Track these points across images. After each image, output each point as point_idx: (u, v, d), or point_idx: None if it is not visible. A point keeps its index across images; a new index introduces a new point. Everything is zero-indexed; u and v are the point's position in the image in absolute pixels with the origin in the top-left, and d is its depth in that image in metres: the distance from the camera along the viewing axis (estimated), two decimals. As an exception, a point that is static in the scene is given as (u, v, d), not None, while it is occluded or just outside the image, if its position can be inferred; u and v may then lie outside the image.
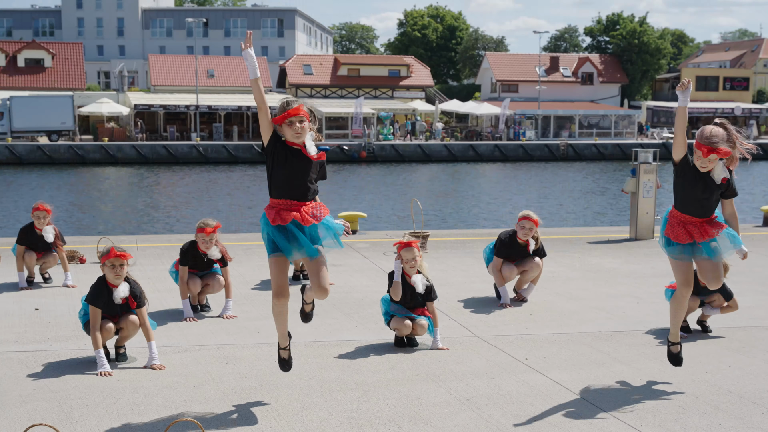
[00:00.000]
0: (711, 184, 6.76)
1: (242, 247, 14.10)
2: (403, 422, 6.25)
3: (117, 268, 7.50)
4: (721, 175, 6.79)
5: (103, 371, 7.31)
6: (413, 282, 8.19)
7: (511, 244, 10.18)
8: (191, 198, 38.24)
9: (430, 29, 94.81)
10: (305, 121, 6.24)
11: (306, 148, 6.30)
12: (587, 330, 9.05)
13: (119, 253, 7.49)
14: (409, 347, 8.28)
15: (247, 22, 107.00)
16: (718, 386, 7.13)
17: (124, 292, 7.55)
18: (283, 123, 6.23)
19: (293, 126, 6.21)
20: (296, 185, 6.29)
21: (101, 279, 7.61)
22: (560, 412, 6.50)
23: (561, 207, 35.79)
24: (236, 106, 64.78)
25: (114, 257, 7.48)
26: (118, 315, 7.69)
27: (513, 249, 10.19)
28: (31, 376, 7.26)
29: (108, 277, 7.54)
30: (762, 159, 65.99)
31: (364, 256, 13.52)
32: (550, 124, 70.62)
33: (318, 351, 8.10)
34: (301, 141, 6.26)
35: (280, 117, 6.23)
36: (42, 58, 71.18)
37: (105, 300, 7.54)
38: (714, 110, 77.51)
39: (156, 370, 7.44)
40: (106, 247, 7.61)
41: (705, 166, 6.71)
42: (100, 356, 7.39)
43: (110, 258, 7.49)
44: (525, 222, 10.06)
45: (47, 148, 55.71)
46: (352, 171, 52.68)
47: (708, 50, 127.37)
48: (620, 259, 13.55)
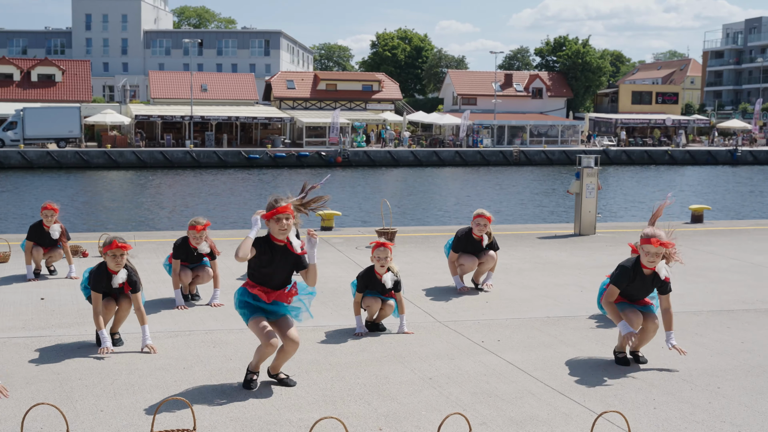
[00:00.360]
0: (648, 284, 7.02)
1: (229, 242, 13.93)
2: (372, 399, 6.17)
3: (118, 257, 7.35)
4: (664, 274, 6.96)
5: (106, 347, 7.17)
6: (384, 280, 8.10)
7: (467, 240, 10.13)
8: (185, 198, 37.96)
9: (399, 49, 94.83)
10: (291, 218, 6.21)
11: (291, 244, 6.27)
12: (537, 316, 9.01)
13: (120, 244, 7.34)
14: (378, 332, 8.20)
15: (237, 43, 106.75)
16: (653, 365, 7.09)
17: (122, 278, 7.41)
18: (271, 219, 6.18)
19: (280, 222, 6.17)
20: (277, 280, 6.34)
21: (102, 264, 7.45)
22: (513, 389, 6.43)
23: (514, 206, 35.83)
24: (226, 116, 64.59)
25: (116, 248, 7.33)
26: (116, 298, 7.56)
27: (469, 244, 10.14)
28: (35, 359, 7.10)
29: (109, 265, 7.38)
30: (690, 164, 66.61)
31: (339, 249, 13.42)
32: (505, 133, 70.85)
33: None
34: (286, 237, 6.24)
35: (268, 213, 6.19)
36: (53, 73, 70.46)
37: (104, 285, 7.40)
38: (648, 121, 78.11)
39: (149, 351, 7.30)
40: (108, 238, 7.44)
41: (653, 261, 6.83)
42: (103, 335, 7.25)
43: (112, 249, 7.34)
44: (480, 219, 10.02)
45: (56, 153, 55.20)
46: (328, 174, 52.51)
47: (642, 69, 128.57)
48: (566, 252, 13.53)
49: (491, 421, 5.73)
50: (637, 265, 6.90)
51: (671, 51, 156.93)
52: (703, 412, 5.97)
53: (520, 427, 5.63)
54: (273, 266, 6.26)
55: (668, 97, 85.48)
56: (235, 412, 5.86)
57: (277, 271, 6.29)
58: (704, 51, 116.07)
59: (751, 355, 7.47)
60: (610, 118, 78.57)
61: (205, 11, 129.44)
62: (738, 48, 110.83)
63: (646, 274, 6.91)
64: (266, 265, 6.25)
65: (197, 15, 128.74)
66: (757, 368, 7.04)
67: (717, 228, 16.72)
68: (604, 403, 6.11)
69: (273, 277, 6.31)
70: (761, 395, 6.33)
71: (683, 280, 11.03)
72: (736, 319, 8.87)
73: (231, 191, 41.88)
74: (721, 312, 9.23)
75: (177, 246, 9.41)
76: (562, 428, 5.63)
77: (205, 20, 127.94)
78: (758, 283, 10.90)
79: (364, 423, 5.68)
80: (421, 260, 12.47)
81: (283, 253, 6.27)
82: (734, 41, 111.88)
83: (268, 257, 6.23)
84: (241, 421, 5.67)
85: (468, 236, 10.12)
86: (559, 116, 78.87)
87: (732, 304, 9.62)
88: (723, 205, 36.48)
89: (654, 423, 5.73)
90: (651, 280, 6.96)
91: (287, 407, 5.98)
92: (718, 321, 8.80)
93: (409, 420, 5.75)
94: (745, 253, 13.43)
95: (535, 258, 12.90)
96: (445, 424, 5.46)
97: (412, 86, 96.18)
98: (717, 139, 77.34)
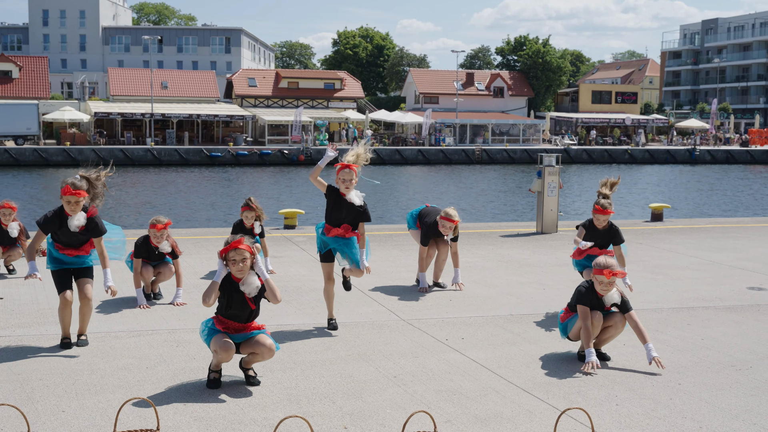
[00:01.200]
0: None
1: (192, 240, 13.84)
2: (337, 398, 6.16)
3: (72, 204, 7.20)
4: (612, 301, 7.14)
5: (32, 275, 7.11)
6: (350, 198, 7.97)
7: (434, 232, 10.23)
8: (146, 197, 37.60)
9: (361, 48, 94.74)
10: (247, 259, 6.25)
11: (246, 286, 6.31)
12: (500, 313, 9.05)
13: (74, 191, 7.16)
14: (345, 290, 8.48)
15: (197, 40, 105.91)
16: (615, 362, 7.16)
17: (79, 221, 7.25)
18: (228, 260, 6.27)
19: (236, 264, 6.24)
20: (241, 316, 6.36)
21: (59, 208, 7.30)
22: (477, 386, 6.46)
23: (476, 204, 35.99)
24: (187, 114, 64.11)
25: (69, 195, 7.17)
26: (74, 247, 7.41)
27: (436, 234, 10.25)
28: (-6, 359, 6.99)
29: (66, 208, 7.23)
30: (650, 163, 67.40)
31: (302, 248, 13.38)
32: (467, 131, 71.08)
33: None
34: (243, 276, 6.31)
35: (223, 251, 6.28)
36: (10, 69, 69.36)
37: (57, 227, 7.24)
38: (608, 120, 78.87)
39: (112, 293, 7.15)
40: (63, 181, 7.21)
41: (606, 289, 7.04)
42: (33, 266, 7.17)
43: (65, 195, 7.18)
44: (445, 222, 10.05)
45: (14, 151, 54.39)
46: (291, 173, 52.38)
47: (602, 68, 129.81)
48: (528, 250, 13.61)
49: (456, 419, 5.75)
50: (593, 291, 7.11)
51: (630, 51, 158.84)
52: (664, 408, 6.04)
53: (485, 425, 5.66)
54: (234, 305, 6.34)
55: (627, 97, 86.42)
56: (198, 411, 5.81)
57: (240, 308, 6.36)
58: (662, 51, 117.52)
59: (711, 351, 7.58)
60: (571, 117, 79.24)
61: (164, 8, 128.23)
62: (695, 48, 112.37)
63: (600, 297, 7.07)
64: (230, 302, 6.32)
65: (156, 12, 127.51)
66: (716, 365, 7.15)
67: (676, 226, 16.94)
68: (567, 400, 6.16)
69: (238, 315, 6.36)
70: (721, 391, 6.43)
71: (643, 278, 11.16)
72: (696, 316, 8.99)
73: (193, 190, 41.57)
74: (681, 309, 9.35)
75: (138, 245, 9.33)
76: (526, 425, 5.66)
77: (164, 17, 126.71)
78: (717, 281, 11.06)
79: (329, 422, 5.67)
80: (385, 258, 12.47)
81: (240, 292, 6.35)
82: (691, 42, 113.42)
83: (229, 294, 6.32)
84: (205, 421, 5.63)
85: (434, 229, 10.18)
86: (521, 115, 79.35)
87: (692, 302, 9.75)
88: (682, 203, 36.98)
89: (616, 419, 5.79)
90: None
91: (252, 406, 5.95)
92: (678, 318, 8.91)
93: (374, 418, 5.75)
94: (704, 251, 13.62)
95: (498, 256, 12.97)
96: (409, 422, 5.47)
97: (374, 85, 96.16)
98: (675, 139, 78.35)
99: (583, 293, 7.07)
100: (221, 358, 6.24)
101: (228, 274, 6.31)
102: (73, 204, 7.21)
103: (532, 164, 59.19)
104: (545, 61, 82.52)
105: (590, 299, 7.05)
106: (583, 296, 7.05)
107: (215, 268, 11.47)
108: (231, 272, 6.28)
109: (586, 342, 6.96)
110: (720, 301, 9.79)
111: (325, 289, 8.19)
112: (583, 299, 7.04)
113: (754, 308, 9.45)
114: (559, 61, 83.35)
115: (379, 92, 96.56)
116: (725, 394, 6.36)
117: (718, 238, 15.10)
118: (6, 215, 10.66)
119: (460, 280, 10.36)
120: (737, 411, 6.00)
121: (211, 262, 11.93)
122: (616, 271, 6.98)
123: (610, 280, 6.98)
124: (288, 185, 44.05)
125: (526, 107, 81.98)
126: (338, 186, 8.00)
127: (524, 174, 54.03)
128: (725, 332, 8.31)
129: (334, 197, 7.99)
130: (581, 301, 7.05)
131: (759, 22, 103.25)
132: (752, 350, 7.64)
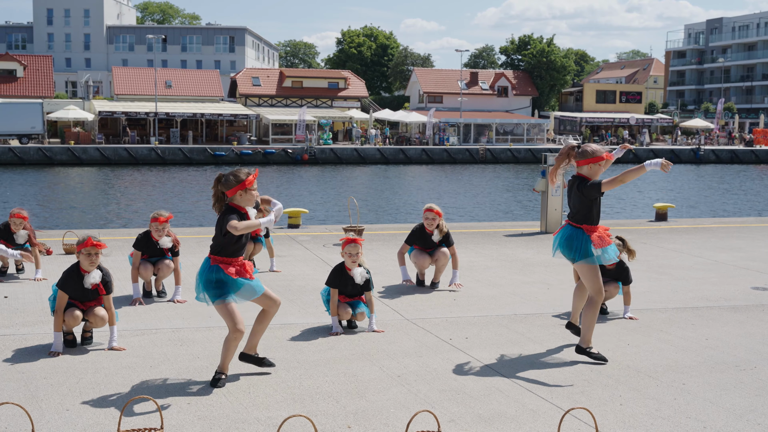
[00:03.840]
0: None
1: (195, 240, 13.85)
2: (341, 397, 6.16)
3: (92, 256, 7.23)
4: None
5: (54, 351, 7.08)
6: (353, 274, 8.12)
7: (421, 234, 10.31)
8: (150, 195, 37.63)
9: (365, 47, 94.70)
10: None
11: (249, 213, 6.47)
12: (504, 313, 9.05)
13: (96, 242, 7.23)
14: (350, 329, 8.21)
15: (201, 39, 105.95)
16: (619, 362, 7.16)
17: (95, 279, 7.28)
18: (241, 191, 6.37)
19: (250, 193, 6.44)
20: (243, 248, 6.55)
21: (75, 265, 7.33)
22: (481, 386, 6.46)
23: (481, 204, 35.98)
24: (191, 113, 64.16)
25: (90, 246, 7.22)
26: (87, 302, 7.43)
27: (422, 238, 10.31)
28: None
29: (82, 264, 7.26)
30: (653, 163, 67.29)
31: (306, 247, 13.38)
32: (471, 131, 71.05)
33: (264, 333, 7.93)
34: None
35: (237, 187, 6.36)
36: (14, 68, 69.48)
37: (75, 285, 7.27)
38: (612, 120, 78.83)
39: (117, 350, 7.23)
40: (83, 236, 7.30)
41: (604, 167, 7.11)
42: (58, 338, 7.16)
43: (86, 247, 7.22)
44: (428, 213, 10.20)
45: (18, 150, 54.49)
46: (295, 172, 52.40)
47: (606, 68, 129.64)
48: (533, 250, 13.61)
49: (459, 418, 5.75)
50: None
51: (634, 50, 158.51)
52: (668, 408, 6.04)
53: (488, 424, 5.65)
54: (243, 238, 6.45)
55: (632, 97, 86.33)
56: (202, 410, 5.82)
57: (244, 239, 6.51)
58: (667, 51, 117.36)
59: (715, 351, 7.57)
60: (575, 117, 79.18)
61: (168, 7, 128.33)
62: (700, 48, 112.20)
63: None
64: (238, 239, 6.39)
65: (161, 11, 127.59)
66: (721, 364, 7.14)
67: (681, 226, 16.92)
68: (571, 400, 6.16)
69: (243, 247, 6.48)
70: (725, 391, 6.42)
71: (648, 277, 11.16)
72: (700, 316, 8.98)
73: (197, 188, 41.59)
74: (685, 309, 9.34)
75: (139, 239, 9.37)
76: (530, 425, 5.66)
77: (168, 16, 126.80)
78: (721, 281, 11.05)
79: (332, 421, 5.67)
80: (389, 258, 12.46)
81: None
82: (696, 41, 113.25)
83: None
84: (209, 420, 5.64)
85: (422, 231, 10.30)
86: (525, 115, 79.30)
87: (696, 302, 9.73)
88: (687, 203, 36.94)
89: (620, 419, 5.79)
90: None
91: (255, 405, 5.95)
92: (682, 318, 8.90)
93: (378, 418, 5.75)
94: (709, 251, 13.60)
95: (502, 256, 12.96)
96: (413, 422, 5.47)
97: (378, 84, 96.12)
98: (680, 138, 78.25)
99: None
100: (235, 340, 6.39)
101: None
102: (93, 256, 7.29)
103: (537, 164, 59.15)
104: (549, 61, 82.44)
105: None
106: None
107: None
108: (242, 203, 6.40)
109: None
110: (724, 301, 9.77)
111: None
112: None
113: (758, 308, 9.44)
114: (563, 61, 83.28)
115: (383, 91, 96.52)
116: (729, 394, 6.35)
117: (723, 238, 15.08)
118: (16, 224, 10.70)
119: (458, 281, 10.36)
120: (741, 411, 5.99)
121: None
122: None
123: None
124: (292, 184, 44.06)
125: (530, 107, 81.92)
126: (344, 259, 8.18)
127: (528, 174, 53.99)
128: (729, 332, 8.30)
129: (339, 274, 8.17)
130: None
131: (764, 21, 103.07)
132: (757, 350, 7.63)
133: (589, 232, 7.02)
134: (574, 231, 7.05)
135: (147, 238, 9.36)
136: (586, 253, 6.97)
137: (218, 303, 6.32)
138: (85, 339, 7.51)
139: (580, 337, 7.19)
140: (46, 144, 57.76)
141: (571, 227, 7.09)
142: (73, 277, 7.29)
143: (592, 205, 6.99)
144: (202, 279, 6.33)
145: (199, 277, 6.35)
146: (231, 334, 6.34)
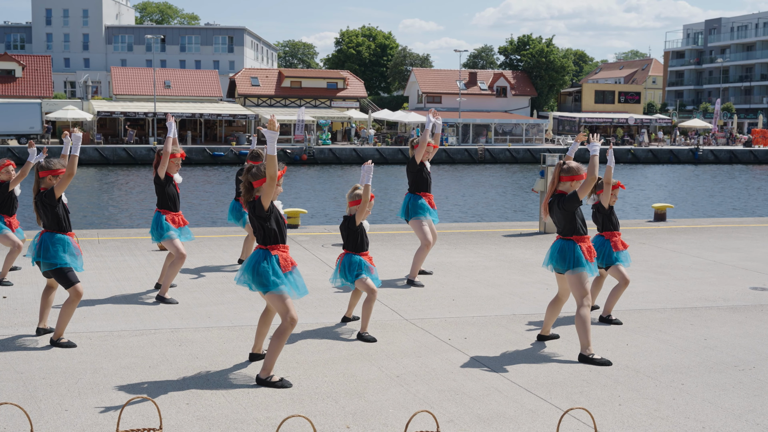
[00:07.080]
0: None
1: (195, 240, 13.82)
2: (339, 397, 6.16)
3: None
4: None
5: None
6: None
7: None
8: (150, 195, 37.59)
9: (364, 47, 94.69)
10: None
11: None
12: (503, 313, 9.05)
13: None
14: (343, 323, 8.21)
15: (200, 39, 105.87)
16: (617, 362, 7.16)
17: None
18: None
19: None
20: None
21: None
22: (480, 386, 6.46)
23: (479, 204, 35.97)
24: (190, 113, 64.12)
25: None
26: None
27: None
28: (-2, 358, 7.00)
29: None
30: (653, 163, 67.33)
31: (305, 247, 13.38)
32: (470, 131, 71.04)
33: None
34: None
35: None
36: (13, 69, 69.40)
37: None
38: (611, 120, 78.83)
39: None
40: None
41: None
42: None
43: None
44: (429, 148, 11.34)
45: (16, 150, 54.46)
46: (294, 172, 52.38)
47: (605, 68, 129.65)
48: (531, 250, 13.61)
49: (458, 419, 5.75)
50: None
51: (633, 51, 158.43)
52: (667, 408, 6.04)
53: (487, 425, 5.65)
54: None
55: (630, 97, 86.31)
56: (201, 410, 5.82)
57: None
58: (665, 51, 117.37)
59: (714, 351, 7.58)
60: (574, 117, 79.19)
61: (167, 7, 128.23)
62: (698, 48, 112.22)
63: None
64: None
65: (159, 11, 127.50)
66: (719, 365, 7.14)
67: (679, 226, 16.92)
68: (569, 400, 6.16)
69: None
70: (724, 391, 6.42)
71: (647, 278, 11.16)
72: (699, 317, 8.98)
73: (197, 188, 41.57)
74: (684, 309, 9.34)
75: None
76: (529, 425, 5.66)
77: (167, 16, 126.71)
78: (720, 281, 11.05)
79: (331, 421, 5.67)
80: (388, 258, 12.47)
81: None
82: (695, 42, 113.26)
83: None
84: (208, 420, 5.64)
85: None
86: (524, 115, 79.30)
87: (694, 302, 9.74)
88: (685, 203, 36.94)
89: (619, 419, 5.79)
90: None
91: (254, 406, 5.95)
92: (681, 318, 8.91)
93: (377, 418, 5.75)
94: (707, 251, 13.61)
95: (501, 256, 12.97)
96: (412, 422, 5.47)
97: (376, 84, 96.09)
98: (679, 139, 78.27)
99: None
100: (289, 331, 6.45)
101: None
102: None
103: (535, 164, 59.19)
104: (548, 61, 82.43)
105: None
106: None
107: (217, 265, 11.49)
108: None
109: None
110: (723, 301, 9.78)
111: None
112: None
113: (757, 308, 9.45)
114: (562, 61, 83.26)
115: (381, 92, 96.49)
116: (728, 395, 6.35)
117: (722, 238, 15.09)
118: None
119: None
120: (740, 411, 6.00)
121: (213, 260, 11.94)
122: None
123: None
124: (290, 185, 44.05)
125: (529, 107, 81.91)
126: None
127: (527, 174, 53.99)
128: (728, 332, 8.30)
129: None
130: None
131: (762, 21, 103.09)
132: (755, 350, 7.64)
133: (579, 242, 7.28)
134: (565, 243, 7.31)
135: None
136: (578, 262, 7.19)
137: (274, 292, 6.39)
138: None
139: (580, 345, 7.22)
140: (46, 144, 57.74)
141: (561, 240, 7.35)
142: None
143: (575, 216, 7.26)
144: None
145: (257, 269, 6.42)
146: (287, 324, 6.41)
